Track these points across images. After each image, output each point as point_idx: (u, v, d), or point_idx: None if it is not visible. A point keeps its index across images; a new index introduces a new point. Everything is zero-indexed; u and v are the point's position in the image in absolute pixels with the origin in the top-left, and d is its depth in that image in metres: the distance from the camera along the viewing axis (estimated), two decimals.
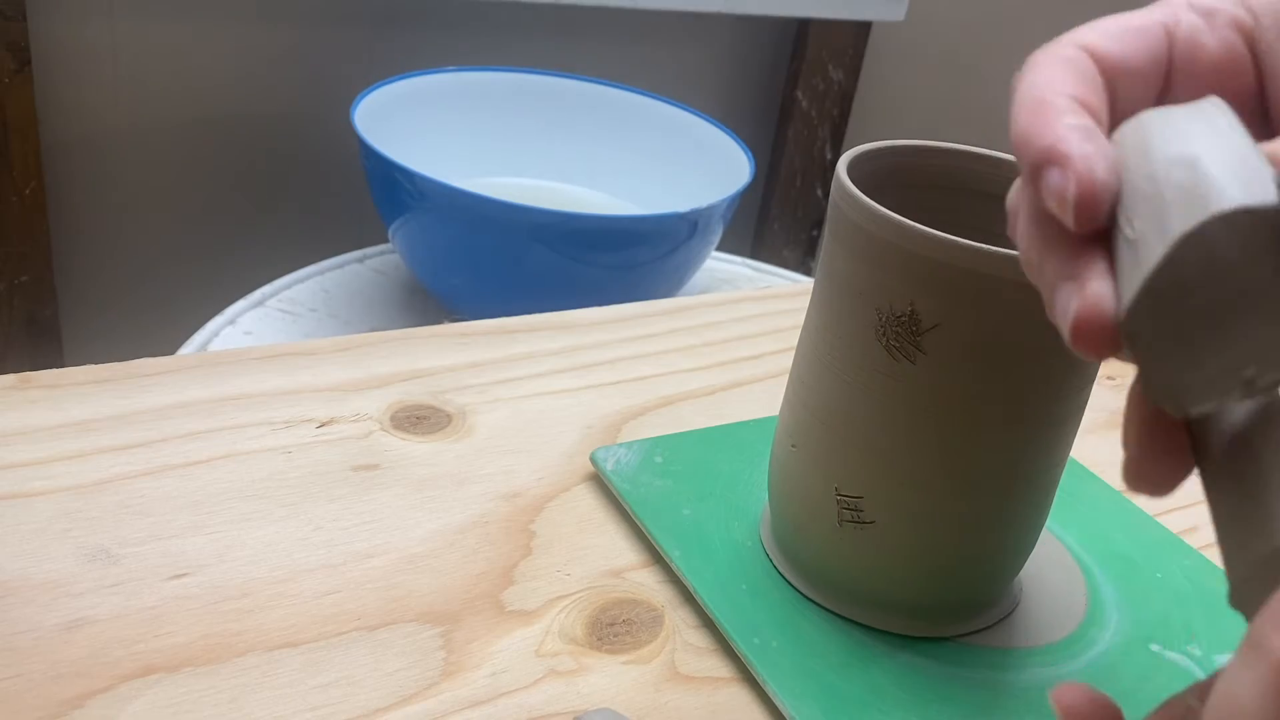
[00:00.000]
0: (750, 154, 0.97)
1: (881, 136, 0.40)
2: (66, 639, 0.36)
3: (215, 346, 0.84)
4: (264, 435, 0.46)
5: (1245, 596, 0.20)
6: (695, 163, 1.02)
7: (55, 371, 0.48)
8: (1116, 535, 0.46)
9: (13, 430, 0.44)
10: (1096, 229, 0.23)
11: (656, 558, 0.43)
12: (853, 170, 0.37)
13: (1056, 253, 0.24)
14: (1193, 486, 0.25)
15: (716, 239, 0.94)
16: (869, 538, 0.38)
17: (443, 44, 1.16)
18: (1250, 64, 0.28)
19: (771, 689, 0.37)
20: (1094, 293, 0.22)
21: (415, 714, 0.35)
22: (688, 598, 0.41)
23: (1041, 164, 0.24)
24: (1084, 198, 0.23)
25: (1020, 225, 0.26)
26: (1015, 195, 0.27)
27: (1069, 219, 0.23)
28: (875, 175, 0.38)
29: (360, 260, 1.01)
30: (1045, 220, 0.24)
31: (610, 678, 0.37)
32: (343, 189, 1.17)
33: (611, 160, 1.07)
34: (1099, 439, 0.54)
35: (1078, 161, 0.23)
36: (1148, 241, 0.21)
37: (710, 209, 0.88)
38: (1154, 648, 0.41)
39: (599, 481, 0.46)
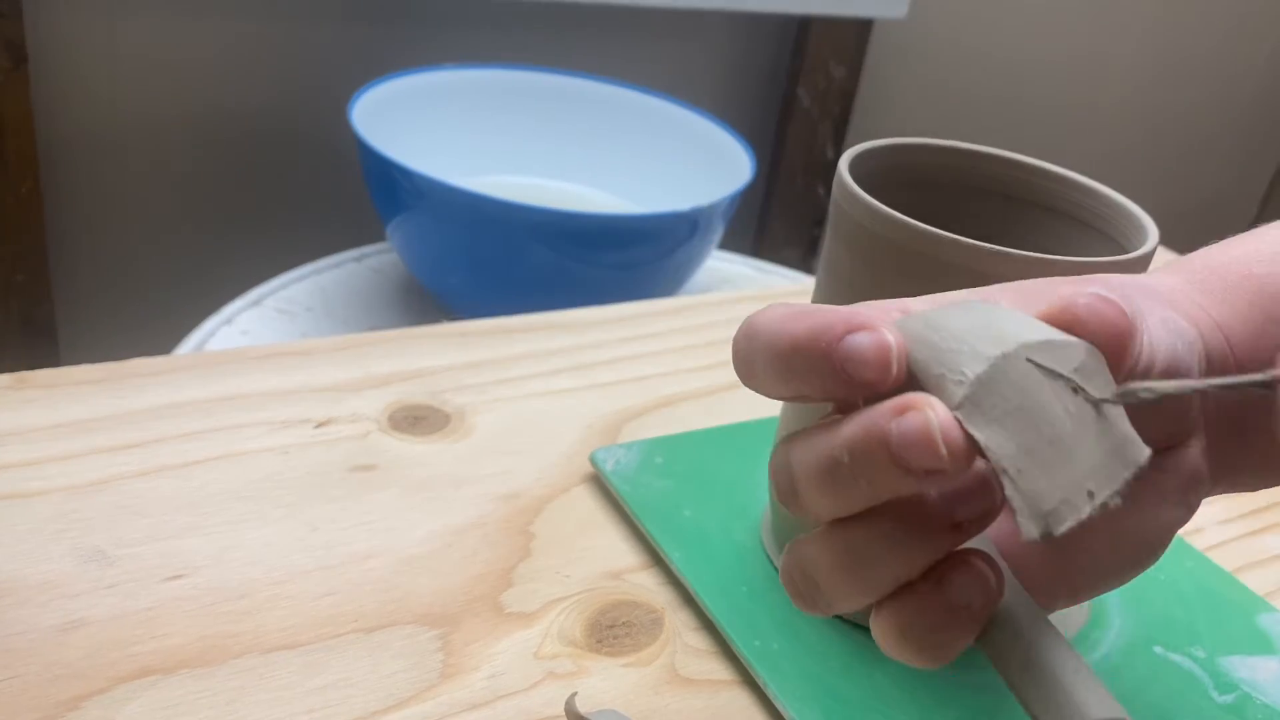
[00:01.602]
0: (751, 152, 0.97)
1: (883, 134, 0.40)
2: (63, 640, 0.35)
3: (212, 346, 0.83)
4: (261, 435, 0.46)
5: None
6: (696, 161, 1.02)
7: (51, 371, 0.47)
8: None
9: (8, 430, 0.44)
10: (894, 386, 0.24)
11: (656, 559, 0.43)
12: (854, 168, 0.37)
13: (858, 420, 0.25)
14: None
15: (717, 238, 0.93)
16: None
17: (441, 41, 1.16)
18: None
19: (772, 692, 0.36)
20: (919, 400, 0.23)
21: (413, 716, 0.35)
22: (688, 600, 0.41)
23: (842, 336, 0.25)
24: (885, 347, 0.24)
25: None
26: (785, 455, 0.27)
27: (869, 372, 0.24)
28: (877, 173, 0.38)
29: (358, 259, 1.01)
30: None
31: (610, 680, 0.37)
32: (340, 187, 1.17)
33: (611, 158, 1.06)
34: None
35: (877, 321, 0.25)
36: (968, 367, 0.24)
37: (711, 207, 0.88)
38: (1157, 650, 0.40)
39: (599, 482, 0.46)
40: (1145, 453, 0.24)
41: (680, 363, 0.56)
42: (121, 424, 0.45)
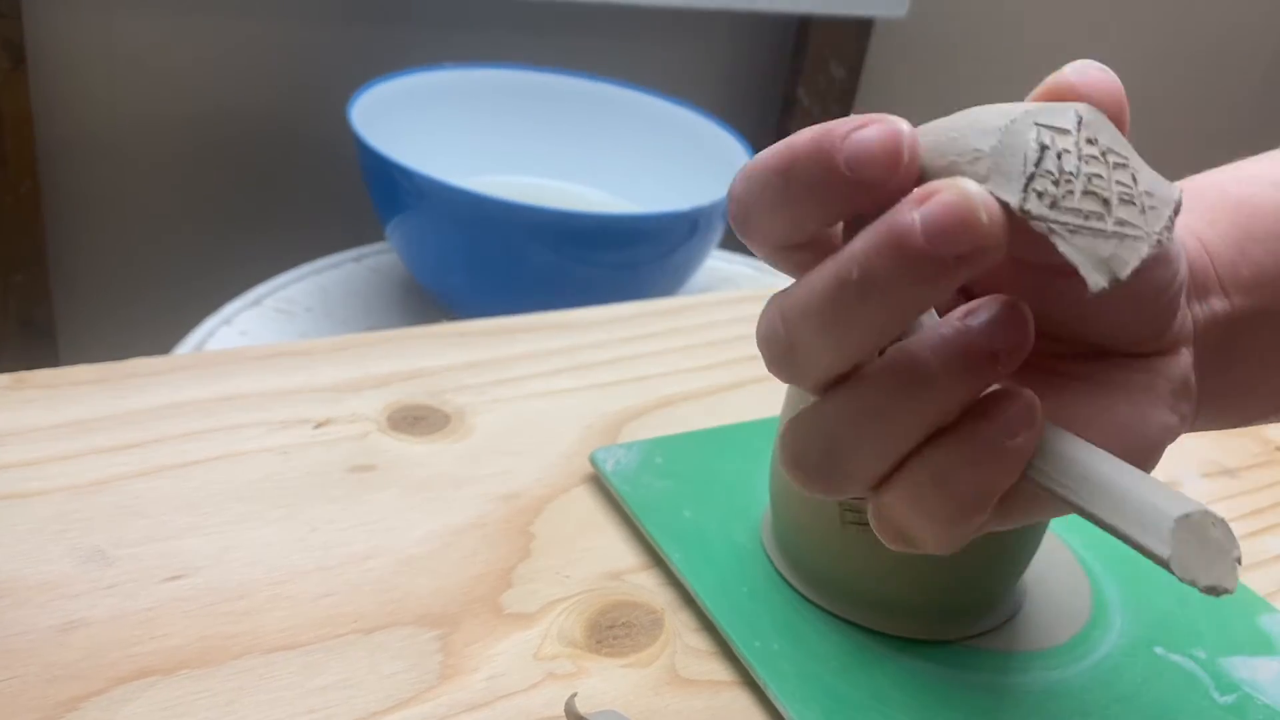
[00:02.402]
0: (752, 152, 0.97)
1: None
2: (62, 641, 0.35)
3: (211, 346, 0.83)
4: (260, 436, 0.46)
5: (1181, 559, 0.23)
6: (696, 160, 1.02)
7: (50, 371, 0.47)
8: None
9: (7, 430, 0.44)
10: (902, 184, 0.22)
11: (656, 560, 0.43)
12: None
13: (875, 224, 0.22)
14: (1204, 486, 0.24)
15: (717, 238, 0.93)
16: (871, 540, 0.38)
17: (441, 41, 1.16)
18: None
19: (773, 693, 0.36)
20: (953, 184, 0.21)
21: (412, 717, 0.35)
22: (688, 600, 0.41)
23: (847, 135, 0.22)
24: (894, 134, 0.22)
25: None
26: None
27: (877, 168, 0.22)
28: None
29: (357, 259, 1.01)
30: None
31: (610, 681, 0.37)
32: (339, 187, 1.17)
33: (611, 158, 1.06)
34: None
35: (882, 117, 0.23)
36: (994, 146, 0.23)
37: (711, 207, 0.88)
38: (1158, 650, 0.40)
39: (598, 483, 0.46)
40: (1177, 189, 0.24)
41: (680, 363, 0.56)
42: (121, 424, 0.45)
